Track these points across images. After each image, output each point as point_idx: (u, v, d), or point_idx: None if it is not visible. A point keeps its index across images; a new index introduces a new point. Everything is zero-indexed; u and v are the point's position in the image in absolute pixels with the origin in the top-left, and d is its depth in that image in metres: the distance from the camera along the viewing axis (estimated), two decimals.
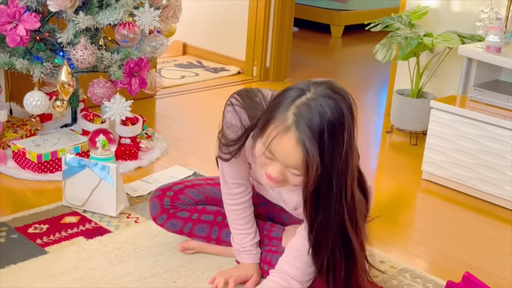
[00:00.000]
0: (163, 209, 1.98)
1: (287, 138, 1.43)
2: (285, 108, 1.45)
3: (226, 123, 1.74)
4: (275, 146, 1.45)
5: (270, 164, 1.50)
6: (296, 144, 1.42)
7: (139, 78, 2.65)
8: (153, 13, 2.60)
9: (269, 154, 1.48)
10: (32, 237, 2.10)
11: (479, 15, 3.06)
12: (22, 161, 2.60)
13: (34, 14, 2.45)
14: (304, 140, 1.41)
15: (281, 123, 1.44)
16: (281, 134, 1.43)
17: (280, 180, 1.52)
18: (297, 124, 1.42)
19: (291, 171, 1.49)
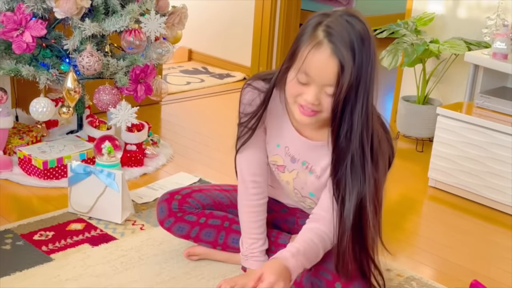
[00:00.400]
0: (171, 212, 1.98)
1: (321, 52, 1.49)
2: (311, 30, 1.52)
3: (245, 104, 1.78)
4: (310, 64, 1.51)
5: (305, 90, 1.55)
6: (330, 55, 1.49)
7: (145, 84, 2.65)
8: (159, 20, 2.60)
9: (304, 77, 1.53)
10: (38, 244, 2.10)
11: (485, 22, 3.05)
12: (28, 168, 2.60)
13: (40, 21, 2.45)
14: (337, 49, 1.48)
15: (312, 41, 1.50)
16: (314, 49, 1.50)
17: (316, 105, 1.56)
18: (328, 37, 1.49)
19: (325, 91, 1.53)
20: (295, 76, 1.55)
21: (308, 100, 1.55)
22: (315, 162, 1.78)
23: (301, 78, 1.54)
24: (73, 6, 2.41)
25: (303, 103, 1.57)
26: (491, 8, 3.09)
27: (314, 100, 1.55)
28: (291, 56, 1.57)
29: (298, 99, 1.58)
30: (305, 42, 1.52)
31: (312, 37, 1.51)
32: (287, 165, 1.84)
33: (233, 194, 2.03)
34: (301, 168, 1.81)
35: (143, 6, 2.59)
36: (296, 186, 1.87)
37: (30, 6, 2.46)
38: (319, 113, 1.59)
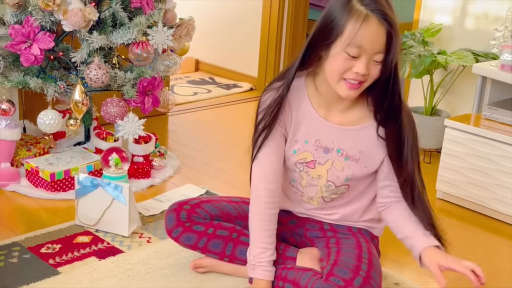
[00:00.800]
0: (179, 221, 1.97)
1: (370, 23, 1.61)
2: (349, 8, 1.63)
3: (261, 105, 1.86)
4: (361, 36, 1.62)
5: (354, 63, 1.65)
6: (379, 24, 1.61)
7: (152, 96, 2.66)
8: (167, 32, 2.60)
9: (355, 50, 1.63)
10: (45, 257, 2.10)
11: (493, 33, 3.04)
12: (35, 180, 2.61)
13: (48, 34, 2.46)
14: (382, 18, 1.61)
15: (358, 16, 1.62)
16: (364, 23, 1.61)
17: (366, 74, 1.66)
18: (371, 10, 1.62)
19: (374, 59, 1.65)
20: (343, 52, 1.64)
21: (360, 71, 1.65)
22: (350, 147, 1.84)
23: (352, 51, 1.63)
24: (81, 19, 2.42)
25: (352, 76, 1.67)
26: (499, 19, 3.09)
27: (366, 70, 1.66)
28: (326, 35, 1.66)
29: (347, 74, 1.67)
30: (346, 19, 1.62)
31: (353, 12, 1.62)
32: (318, 159, 1.86)
33: (242, 205, 2.03)
34: (336, 156, 1.85)
35: (150, 18, 2.60)
36: (330, 177, 1.88)
37: (38, 19, 2.47)
38: (363, 83, 1.70)
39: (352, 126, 1.83)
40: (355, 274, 1.72)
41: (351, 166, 1.85)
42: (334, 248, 1.89)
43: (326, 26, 1.66)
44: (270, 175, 1.87)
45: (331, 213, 1.96)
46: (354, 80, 1.68)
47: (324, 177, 1.88)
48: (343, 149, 1.84)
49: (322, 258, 1.89)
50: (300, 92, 1.83)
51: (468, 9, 3.27)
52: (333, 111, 1.83)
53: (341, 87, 1.70)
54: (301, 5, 4.31)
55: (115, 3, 2.54)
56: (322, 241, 1.98)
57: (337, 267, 1.75)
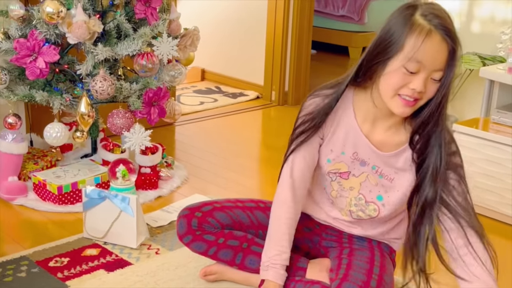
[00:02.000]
0: (190, 229, 1.95)
1: (433, 39, 1.57)
2: (411, 23, 1.59)
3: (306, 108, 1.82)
4: (423, 51, 1.57)
5: (412, 79, 1.61)
6: (442, 40, 1.57)
7: (158, 107, 2.65)
8: (171, 43, 2.60)
9: (415, 65, 1.59)
10: (53, 271, 2.09)
11: (500, 37, 3.02)
12: (43, 193, 2.60)
13: (53, 47, 2.47)
14: (446, 35, 1.57)
15: (420, 30, 1.58)
16: (426, 38, 1.57)
17: (422, 92, 1.62)
18: (435, 26, 1.58)
19: (433, 77, 1.61)
20: (401, 67, 1.61)
21: (417, 88, 1.61)
22: (385, 167, 1.81)
23: (411, 67, 1.59)
24: (86, 31, 2.42)
25: (408, 93, 1.62)
26: (505, 22, 3.07)
27: (423, 87, 1.61)
28: (385, 50, 1.62)
29: (402, 90, 1.63)
30: (411, 32, 1.58)
31: (418, 27, 1.58)
32: (353, 171, 1.84)
33: (255, 213, 2.01)
34: (371, 171, 1.83)
35: (155, 29, 2.60)
36: (362, 191, 1.86)
37: (43, 32, 2.47)
38: (418, 101, 1.65)
39: (390, 152, 1.79)
40: (368, 278, 1.70)
41: (385, 184, 1.82)
42: (345, 259, 1.86)
43: (385, 40, 1.63)
44: (298, 181, 1.85)
45: (355, 227, 1.94)
46: (409, 96, 1.63)
47: (356, 189, 1.86)
48: (378, 167, 1.82)
49: (332, 269, 1.87)
50: (345, 104, 1.80)
51: (474, 13, 3.25)
52: (378, 128, 1.79)
53: (396, 104, 1.66)
54: (306, 12, 4.30)
55: (119, 15, 2.54)
56: (335, 250, 1.96)
57: (346, 283, 1.73)
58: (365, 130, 1.79)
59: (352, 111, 1.80)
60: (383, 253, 1.93)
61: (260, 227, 1.99)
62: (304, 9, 4.27)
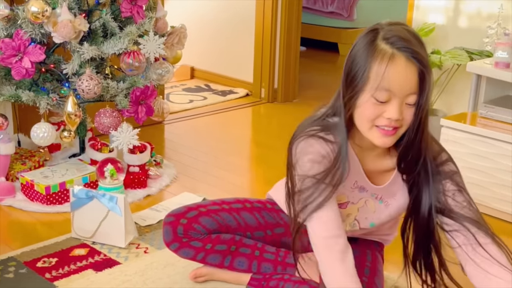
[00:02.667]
0: (176, 237, 1.92)
1: (397, 63, 1.46)
2: (371, 48, 1.49)
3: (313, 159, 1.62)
4: (390, 77, 1.46)
5: (385, 109, 1.50)
6: (407, 62, 1.46)
7: (145, 106, 2.64)
8: (158, 41, 2.59)
9: (384, 94, 1.48)
10: (41, 272, 2.08)
11: (486, 31, 3.03)
12: (31, 193, 2.59)
13: (39, 46, 2.46)
14: (412, 55, 1.46)
15: (382, 56, 1.47)
16: (390, 63, 1.46)
17: (399, 120, 1.51)
18: (397, 49, 1.47)
19: (407, 102, 1.49)
20: (371, 98, 1.50)
21: (393, 116, 1.50)
22: (384, 195, 1.75)
23: (381, 96, 1.49)
24: (71, 30, 2.41)
25: (385, 123, 1.52)
26: (491, 17, 3.07)
27: (399, 115, 1.50)
28: (352, 83, 1.52)
29: (378, 121, 1.52)
30: (373, 60, 1.48)
31: (380, 53, 1.48)
32: (352, 199, 1.76)
33: (242, 214, 1.97)
34: (371, 197, 1.76)
35: (141, 27, 2.59)
36: (358, 217, 1.80)
37: (28, 32, 2.46)
38: (399, 129, 1.54)
39: (384, 183, 1.72)
40: None
41: (382, 211, 1.78)
42: None
43: (351, 71, 1.52)
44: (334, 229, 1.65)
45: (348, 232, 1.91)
46: (387, 126, 1.52)
47: (353, 215, 1.80)
48: (377, 193, 1.76)
49: None
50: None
51: (460, 8, 3.25)
52: (368, 160, 1.70)
53: (374, 135, 1.55)
54: (295, 9, 4.29)
55: (105, 14, 2.53)
56: None
57: None
58: (368, 167, 1.71)
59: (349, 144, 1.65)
60: (374, 252, 1.91)
61: (247, 229, 1.97)
62: (293, 5, 4.26)
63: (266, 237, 1.99)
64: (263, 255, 1.95)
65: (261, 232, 1.99)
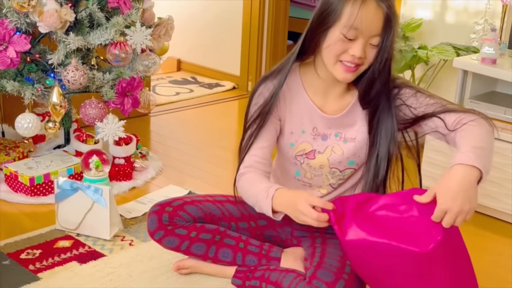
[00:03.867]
0: (161, 224, 1.93)
1: (368, 5, 1.64)
2: None
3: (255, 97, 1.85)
4: (360, 18, 1.64)
5: (351, 46, 1.67)
6: (377, 7, 1.64)
7: (131, 97, 2.63)
8: (145, 32, 2.57)
9: (353, 32, 1.65)
10: (25, 263, 2.06)
11: (473, 27, 3.04)
12: (15, 185, 2.57)
13: (24, 36, 2.43)
14: (380, 3, 1.64)
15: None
16: (362, 5, 1.63)
17: (362, 58, 1.68)
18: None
19: (371, 43, 1.67)
20: (340, 34, 1.66)
21: (356, 54, 1.67)
22: (347, 129, 1.84)
23: (350, 34, 1.65)
24: (57, 20, 2.38)
25: (348, 59, 1.68)
26: (478, 13, 3.09)
27: (362, 53, 1.67)
28: (324, 20, 1.69)
29: (343, 57, 1.69)
30: (347, 2, 1.65)
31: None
32: (317, 148, 1.84)
33: (226, 205, 1.99)
34: (335, 141, 1.84)
35: (128, 18, 2.57)
36: (332, 164, 1.86)
37: (13, 21, 2.43)
38: (360, 67, 1.71)
39: (343, 111, 1.82)
40: (337, 277, 1.70)
41: (351, 148, 1.84)
42: (319, 248, 1.87)
43: (325, 11, 1.69)
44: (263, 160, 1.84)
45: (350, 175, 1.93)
46: (350, 62, 1.69)
47: (326, 165, 1.86)
48: (340, 132, 1.84)
49: (306, 258, 1.87)
50: (295, 82, 1.83)
51: (448, 4, 3.26)
52: (330, 98, 1.83)
53: (338, 70, 1.72)
54: (282, 2, 4.29)
55: (91, 3, 2.51)
56: (308, 240, 1.96)
57: (321, 270, 1.73)
58: (318, 104, 1.83)
59: (302, 88, 1.83)
60: None
61: (232, 219, 1.98)
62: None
63: (250, 228, 2.00)
64: (247, 248, 1.95)
65: (245, 223, 2.00)
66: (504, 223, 2.58)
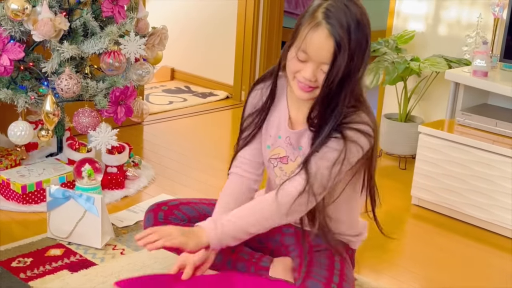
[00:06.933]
0: (156, 222, 1.94)
1: (319, 32, 1.59)
2: (312, 11, 1.62)
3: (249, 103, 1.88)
4: (309, 42, 1.60)
5: (303, 67, 1.64)
6: (328, 36, 1.58)
7: (125, 106, 2.63)
8: (139, 41, 2.58)
9: (303, 55, 1.62)
10: (16, 272, 2.06)
11: (465, 40, 3.07)
12: (6, 192, 2.56)
13: (18, 44, 2.43)
14: (334, 31, 1.58)
15: (312, 21, 1.60)
16: (313, 29, 1.59)
17: (313, 81, 1.64)
18: (327, 18, 1.58)
19: (322, 69, 1.63)
20: (295, 54, 1.65)
21: (305, 77, 1.64)
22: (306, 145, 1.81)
23: (300, 55, 1.63)
24: (51, 28, 2.39)
25: (301, 79, 1.66)
26: (470, 26, 3.12)
27: (312, 77, 1.64)
28: (293, 35, 1.67)
29: (297, 75, 1.67)
30: (305, 22, 1.62)
31: (312, 18, 1.61)
32: (290, 155, 1.84)
33: None
34: (299, 153, 1.83)
35: (122, 27, 2.58)
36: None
37: (7, 29, 2.44)
38: (315, 89, 1.67)
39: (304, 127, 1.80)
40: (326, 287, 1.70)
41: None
42: (306, 257, 1.87)
43: (295, 27, 1.67)
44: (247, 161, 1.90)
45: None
46: (302, 83, 1.67)
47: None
48: (302, 146, 1.81)
49: (295, 268, 1.88)
50: (281, 88, 1.85)
51: (440, 16, 3.29)
52: (300, 111, 1.81)
53: (295, 86, 1.70)
54: (276, 12, 4.31)
55: (86, 13, 2.52)
56: (296, 249, 1.96)
57: (310, 280, 1.73)
58: (292, 114, 1.83)
59: (285, 96, 1.84)
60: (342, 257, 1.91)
61: None
62: (274, 9, 4.28)
63: None
64: (238, 254, 1.95)
65: None
66: (495, 235, 2.60)
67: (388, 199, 2.90)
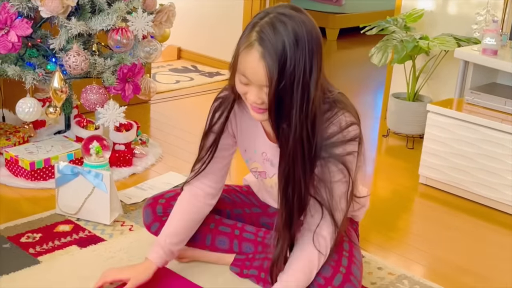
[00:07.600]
0: (156, 216, 1.95)
1: (251, 54, 1.48)
2: (248, 31, 1.51)
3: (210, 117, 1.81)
4: (244, 65, 1.50)
5: (248, 90, 1.54)
6: (260, 58, 1.46)
7: (132, 84, 2.63)
8: (147, 18, 2.57)
9: (243, 78, 1.52)
10: (25, 247, 2.07)
11: (475, 18, 3.04)
12: (15, 169, 2.57)
13: (26, 20, 2.42)
14: (265, 53, 1.45)
15: (246, 41, 1.49)
16: (246, 51, 1.48)
17: (260, 103, 1.53)
18: (259, 39, 1.47)
19: (264, 91, 1.51)
20: (238, 77, 1.55)
21: (251, 100, 1.54)
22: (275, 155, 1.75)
23: (241, 79, 1.53)
24: (59, 4, 2.38)
25: (249, 102, 1.57)
26: (480, 4, 3.09)
27: (257, 99, 1.53)
28: (234, 55, 1.55)
29: (246, 98, 1.57)
30: (242, 43, 1.51)
31: (247, 38, 1.50)
32: (267, 171, 1.81)
33: None
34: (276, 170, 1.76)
35: (130, 4, 2.57)
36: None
37: (15, 5, 2.42)
38: (266, 111, 1.55)
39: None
40: (335, 271, 1.69)
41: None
42: None
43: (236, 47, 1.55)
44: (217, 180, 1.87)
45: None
46: (251, 105, 1.57)
47: (274, 188, 1.80)
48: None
49: None
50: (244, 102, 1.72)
51: None
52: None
53: (248, 107, 1.60)
54: None
55: None
56: None
57: None
58: (267, 128, 1.73)
59: None
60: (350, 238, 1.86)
61: (225, 206, 2.00)
62: None
63: (244, 215, 2.01)
64: (243, 235, 1.96)
65: (239, 209, 2.01)
66: (504, 214, 2.59)
67: (395, 179, 2.90)
